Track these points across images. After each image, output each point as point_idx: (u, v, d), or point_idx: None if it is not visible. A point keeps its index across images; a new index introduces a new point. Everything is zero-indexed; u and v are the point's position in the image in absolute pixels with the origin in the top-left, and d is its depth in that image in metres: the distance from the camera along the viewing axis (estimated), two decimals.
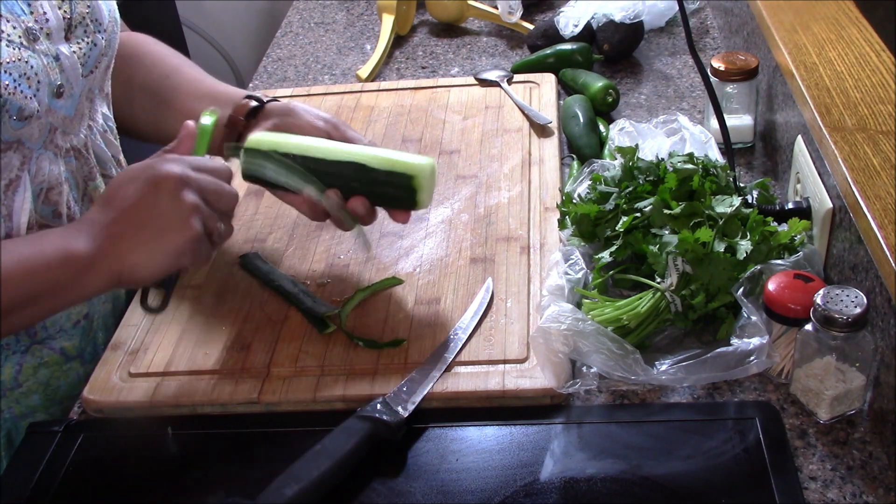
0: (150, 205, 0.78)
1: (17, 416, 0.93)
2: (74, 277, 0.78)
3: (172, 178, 0.78)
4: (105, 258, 0.78)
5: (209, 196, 0.81)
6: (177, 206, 0.78)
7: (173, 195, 0.78)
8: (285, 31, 1.68)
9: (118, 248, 0.78)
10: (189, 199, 0.78)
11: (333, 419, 0.80)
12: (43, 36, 0.84)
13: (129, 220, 0.78)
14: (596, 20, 1.44)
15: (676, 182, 0.92)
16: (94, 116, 0.95)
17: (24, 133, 0.83)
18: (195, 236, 0.79)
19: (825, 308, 0.76)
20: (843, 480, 0.75)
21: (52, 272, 0.77)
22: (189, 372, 0.89)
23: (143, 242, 0.78)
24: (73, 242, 0.78)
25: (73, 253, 0.78)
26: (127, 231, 0.78)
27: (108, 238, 0.78)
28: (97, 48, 0.91)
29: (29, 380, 0.93)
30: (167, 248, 0.78)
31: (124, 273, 0.79)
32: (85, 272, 0.78)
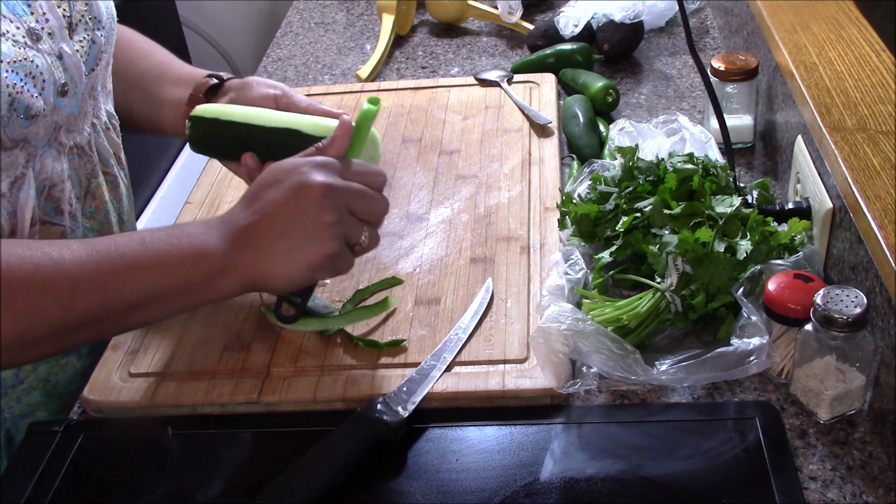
0: (290, 214, 0.76)
1: (17, 415, 0.93)
2: (207, 278, 0.77)
3: (317, 188, 0.75)
4: (239, 264, 0.76)
5: (355, 207, 0.78)
6: (318, 219, 0.75)
7: (316, 208, 0.75)
8: (285, 31, 1.68)
9: (254, 256, 0.76)
10: (331, 214, 0.76)
11: (333, 419, 0.80)
12: (45, 35, 0.84)
13: (269, 227, 0.76)
14: (596, 20, 1.44)
15: (676, 182, 0.92)
16: (98, 114, 0.95)
17: (30, 131, 0.83)
18: (334, 253, 0.77)
19: (825, 308, 0.76)
20: (843, 480, 0.75)
21: (185, 270, 0.76)
22: (189, 372, 0.89)
23: (280, 253, 0.76)
24: (209, 241, 0.77)
25: (207, 253, 0.76)
26: (265, 239, 0.76)
27: (245, 243, 0.76)
28: (97, 45, 0.91)
29: (29, 376, 0.93)
30: (304, 262, 0.76)
31: (258, 281, 0.78)
32: (217, 274, 0.77)
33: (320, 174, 0.77)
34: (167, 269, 0.76)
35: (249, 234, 0.77)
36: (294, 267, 0.77)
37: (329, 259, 0.77)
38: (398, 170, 1.16)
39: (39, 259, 0.73)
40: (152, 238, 0.77)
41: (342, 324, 0.91)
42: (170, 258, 0.76)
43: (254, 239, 0.76)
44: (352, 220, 0.78)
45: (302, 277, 0.78)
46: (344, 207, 0.77)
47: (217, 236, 0.77)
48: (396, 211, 1.08)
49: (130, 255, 0.75)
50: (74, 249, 0.75)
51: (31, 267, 0.73)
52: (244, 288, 0.79)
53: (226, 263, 0.77)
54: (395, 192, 1.11)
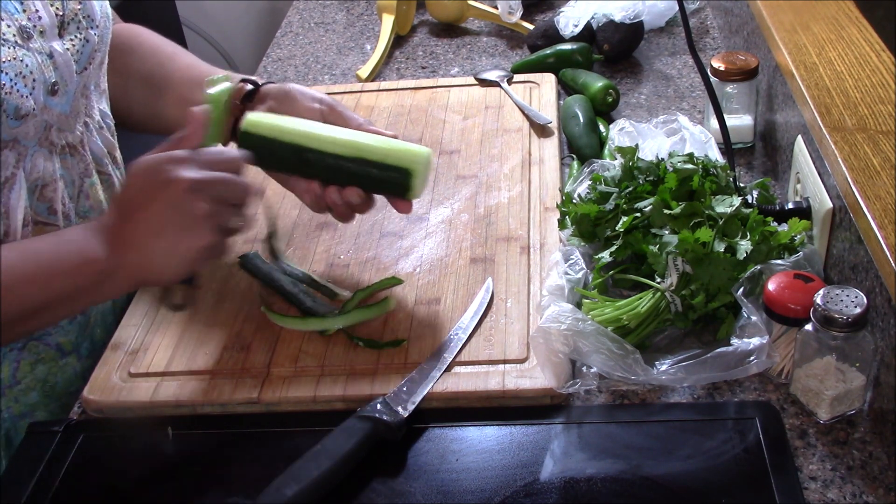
0: (161, 212, 0.77)
1: (16, 415, 0.93)
2: (94, 283, 0.79)
3: (183, 184, 0.77)
4: (123, 266, 0.78)
5: (223, 195, 0.79)
6: (189, 214, 0.77)
7: (185, 203, 0.77)
8: (285, 31, 1.68)
9: (136, 256, 0.78)
10: (201, 205, 0.77)
11: (333, 419, 0.80)
12: (36, 34, 0.84)
13: (144, 227, 0.78)
14: (596, 20, 1.44)
15: (676, 182, 0.92)
16: (91, 113, 0.95)
17: (21, 131, 0.83)
18: (209, 243, 0.78)
19: (825, 308, 0.76)
20: (843, 480, 0.75)
21: (71, 278, 0.78)
22: (189, 372, 0.89)
23: (160, 251, 0.78)
24: (91, 248, 0.78)
25: (92, 259, 0.78)
26: (142, 239, 0.78)
27: (125, 246, 0.78)
28: (90, 44, 0.91)
29: (27, 377, 0.93)
30: (184, 255, 0.78)
31: (143, 278, 0.80)
32: (104, 278, 0.78)
33: (184, 169, 0.78)
34: (55, 279, 0.78)
35: (128, 236, 0.78)
36: (175, 261, 0.79)
37: (207, 250, 0.79)
38: None
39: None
40: (35, 248, 0.79)
41: (342, 324, 0.91)
42: (54, 268, 0.78)
43: (133, 240, 0.78)
44: (221, 207, 0.79)
45: (185, 269, 0.80)
46: (211, 197, 0.79)
47: (98, 241, 0.79)
48: None
49: (19, 270, 0.77)
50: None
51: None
52: (131, 287, 0.81)
53: (110, 267, 0.78)
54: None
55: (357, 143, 0.89)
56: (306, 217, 1.08)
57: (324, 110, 0.95)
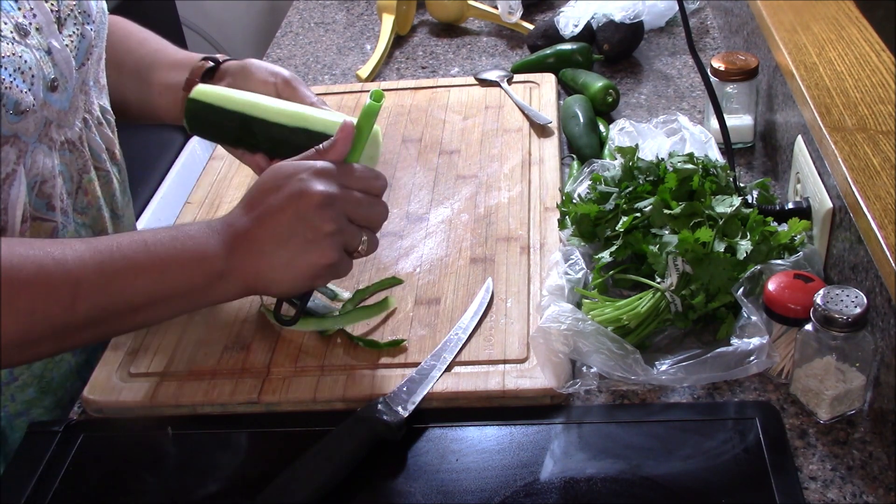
0: (290, 222, 0.75)
1: (12, 413, 0.93)
2: (208, 282, 0.77)
3: (317, 197, 0.75)
4: (240, 269, 0.77)
5: (355, 215, 0.78)
6: (318, 229, 0.75)
7: (316, 217, 0.75)
8: (285, 31, 1.68)
9: (254, 262, 0.76)
10: (331, 224, 0.76)
11: (333, 419, 0.80)
12: (33, 30, 0.84)
13: (268, 234, 0.76)
14: (596, 20, 1.44)
15: (676, 182, 0.92)
16: (90, 109, 0.95)
17: (20, 127, 0.83)
18: (333, 262, 0.77)
19: (825, 308, 0.76)
20: (843, 480, 0.75)
21: (186, 274, 0.76)
22: (189, 372, 0.89)
23: (279, 261, 0.76)
24: (210, 246, 0.77)
25: (209, 257, 0.76)
26: (265, 245, 0.76)
27: (245, 248, 0.77)
28: (87, 40, 0.91)
29: (24, 373, 0.93)
30: (304, 270, 0.77)
31: (258, 286, 0.78)
32: (218, 279, 0.77)
33: (320, 182, 0.77)
34: (169, 272, 0.76)
35: (249, 240, 0.77)
36: (294, 274, 0.77)
37: (328, 268, 0.78)
38: (398, 170, 1.16)
39: (42, 259, 0.73)
40: (154, 240, 0.77)
41: (342, 324, 0.91)
42: (172, 262, 0.76)
43: (254, 245, 0.76)
44: (351, 227, 0.78)
45: (301, 284, 0.79)
46: (343, 216, 0.77)
47: (218, 240, 0.77)
48: (396, 211, 1.08)
49: (133, 258, 0.75)
50: (77, 249, 0.75)
51: (34, 266, 0.73)
52: (244, 292, 0.79)
53: (227, 268, 0.77)
54: (395, 192, 1.11)
55: (300, 114, 0.90)
56: None
57: (278, 83, 0.95)
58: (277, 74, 0.96)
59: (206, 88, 0.93)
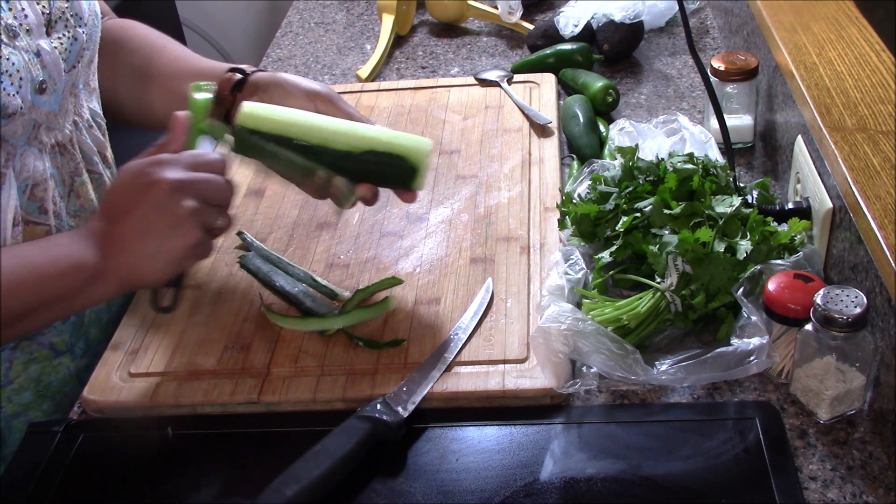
0: (147, 214, 0.79)
1: (9, 415, 0.93)
2: (84, 286, 0.80)
3: (166, 185, 0.79)
4: (112, 268, 0.79)
5: (206, 195, 0.81)
6: (174, 214, 0.78)
7: (169, 203, 0.78)
8: (285, 31, 1.68)
9: (125, 259, 0.79)
10: (185, 206, 0.79)
11: (333, 419, 0.80)
12: (23, 32, 0.84)
13: (130, 230, 0.79)
14: (596, 20, 1.44)
15: (676, 182, 0.92)
16: (80, 112, 0.95)
17: (8, 130, 0.83)
18: (195, 241, 0.80)
19: (825, 308, 0.76)
20: (843, 480, 0.75)
21: (63, 280, 0.79)
22: (189, 372, 0.89)
23: (146, 251, 0.79)
24: (81, 252, 0.80)
25: (83, 263, 0.79)
26: (129, 241, 0.79)
27: (113, 248, 0.79)
28: (78, 42, 0.90)
29: (20, 376, 0.93)
30: (169, 254, 0.80)
31: (132, 279, 0.81)
32: (94, 281, 0.80)
33: (167, 171, 0.80)
34: (44, 283, 0.79)
35: (114, 240, 0.80)
36: (162, 261, 0.80)
37: (193, 248, 0.80)
38: None
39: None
40: (28, 252, 0.81)
41: (342, 324, 0.91)
42: (48, 272, 0.79)
43: (121, 243, 0.79)
44: (205, 206, 0.81)
45: (171, 269, 0.81)
46: (196, 196, 0.80)
47: (88, 246, 0.80)
48: (396, 211, 1.08)
49: (10, 272, 0.78)
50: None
51: None
52: (119, 290, 0.82)
53: (100, 270, 0.79)
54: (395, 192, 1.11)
55: (362, 135, 0.88)
56: (306, 217, 1.09)
57: (318, 101, 0.94)
58: (316, 92, 0.94)
59: (254, 108, 0.88)
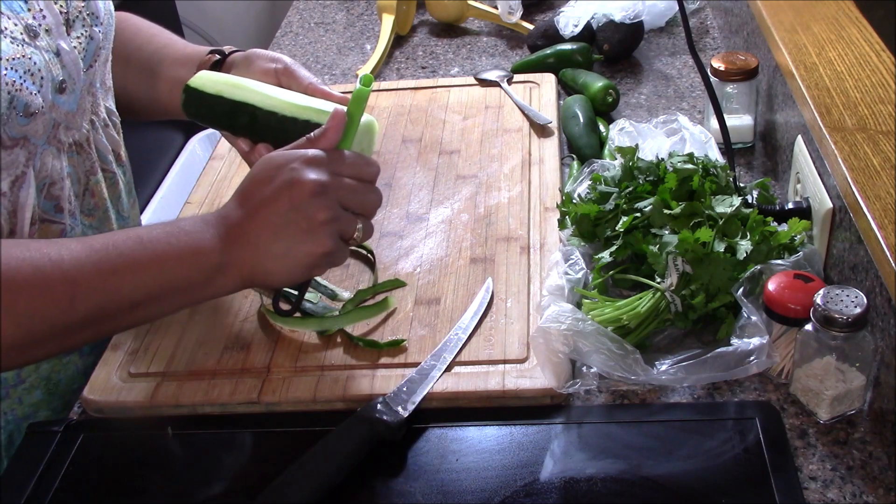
0: (284, 213, 0.75)
1: (20, 416, 0.93)
2: (206, 276, 0.77)
3: (309, 186, 0.75)
4: (236, 262, 0.77)
5: (349, 202, 0.78)
6: (312, 218, 0.75)
7: (309, 206, 0.75)
8: (285, 31, 1.68)
9: (251, 254, 0.76)
10: (325, 213, 0.75)
11: (333, 419, 0.80)
12: (43, 32, 0.84)
13: (263, 225, 0.76)
14: (596, 20, 1.44)
15: (676, 182, 0.92)
16: (97, 111, 0.95)
17: (30, 129, 0.83)
18: (329, 250, 0.77)
19: (825, 308, 0.76)
20: (843, 480, 0.75)
21: (182, 268, 0.76)
22: (189, 372, 0.89)
23: (276, 252, 0.76)
24: (206, 240, 0.77)
25: (205, 251, 0.76)
26: (260, 237, 0.76)
27: (241, 241, 0.77)
28: (94, 41, 0.91)
29: (31, 375, 0.93)
30: (300, 260, 0.77)
31: (256, 278, 0.78)
32: (216, 272, 0.77)
33: (312, 171, 0.76)
34: (166, 268, 0.76)
35: (245, 232, 0.77)
36: (291, 264, 0.77)
37: (325, 256, 0.77)
38: (398, 170, 1.16)
39: (38, 260, 0.73)
40: (150, 236, 0.77)
41: (342, 324, 0.91)
42: (168, 257, 0.76)
43: (249, 237, 0.76)
44: (346, 215, 0.78)
45: (299, 274, 0.79)
46: (337, 204, 0.77)
47: (213, 234, 0.77)
48: (396, 211, 1.08)
49: (129, 255, 0.75)
50: (73, 249, 0.75)
51: (31, 268, 0.73)
52: (243, 285, 0.79)
53: (223, 262, 0.77)
54: (395, 192, 1.11)
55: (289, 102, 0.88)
56: None
57: (278, 70, 0.93)
58: (278, 60, 0.94)
59: (203, 75, 0.92)
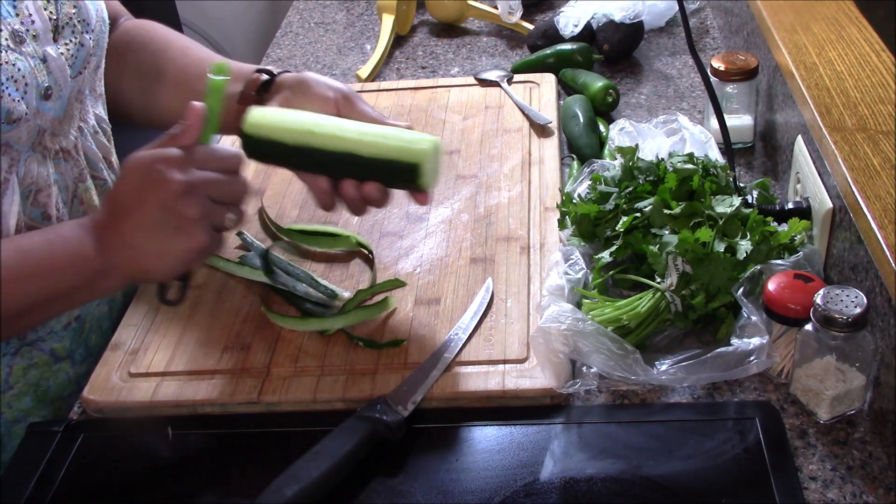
0: (153, 214, 0.76)
1: (9, 421, 0.93)
2: (88, 281, 0.78)
3: (175, 186, 0.76)
4: (116, 264, 0.78)
5: (216, 194, 0.78)
6: (182, 216, 0.76)
7: (177, 205, 0.76)
8: (285, 31, 1.68)
9: (129, 255, 0.77)
10: (194, 209, 0.76)
11: (333, 419, 0.80)
12: (29, 38, 0.83)
13: (136, 227, 0.77)
14: (596, 20, 1.44)
15: (676, 182, 0.92)
16: (86, 118, 0.95)
17: (12, 136, 0.83)
18: (204, 244, 0.77)
19: (825, 308, 0.76)
20: (843, 480, 0.75)
21: (65, 276, 0.78)
22: (189, 372, 0.89)
23: (152, 250, 0.77)
24: (84, 247, 0.78)
25: (84, 257, 0.77)
26: (135, 239, 0.77)
27: (117, 244, 0.77)
28: (85, 49, 0.90)
29: (19, 381, 0.93)
30: (177, 256, 0.77)
31: (137, 275, 0.80)
32: (98, 276, 0.78)
33: (177, 170, 0.76)
34: (49, 277, 0.78)
35: (120, 235, 0.77)
36: (169, 261, 0.78)
37: (200, 250, 0.78)
38: None
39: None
40: (30, 245, 0.78)
41: (342, 324, 0.91)
42: (50, 266, 0.78)
43: (125, 239, 0.77)
44: (215, 207, 0.78)
45: (178, 268, 0.79)
46: (205, 199, 0.77)
47: (91, 239, 0.78)
48: (396, 211, 1.08)
49: (11, 267, 0.76)
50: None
51: None
52: (125, 284, 0.81)
53: (104, 265, 0.78)
54: (395, 192, 1.11)
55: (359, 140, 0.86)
56: (306, 216, 1.09)
57: (338, 100, 0.92)
58: (337, 90, 0.93)
59: (259, 116, 0.87)
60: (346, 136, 0.86)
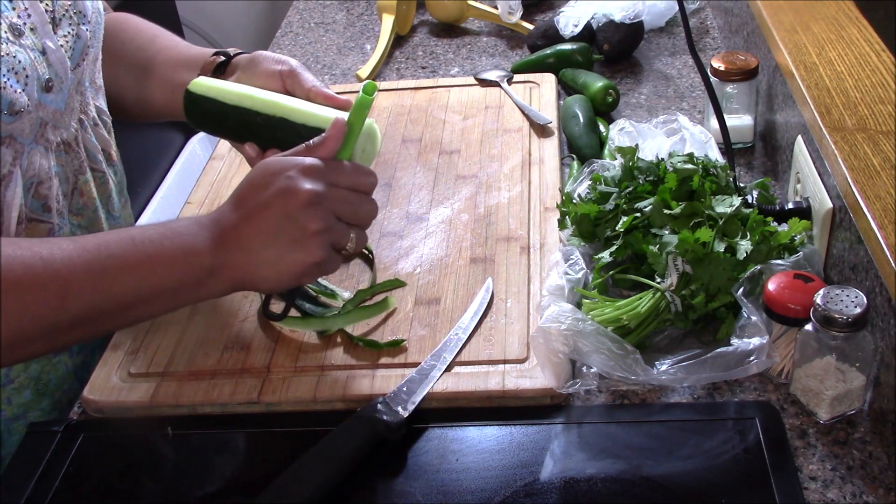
0: (277, 220, 0.75)
1: (9, 418, 0.93)
2: (197, 279, 0.77)
3: (304, 196, 0.75)
4: (228, 265, 0.76)
5: (343, 213, 0.77)
6: (305, 228, 0.75)
7: (303, 216, 0.75)
8: (285, 31, 1.68)
9: (242, 258, 0.76)
10: (318, 223, 0.75)
11: (333, 419, 0.80)
12: (28, 31, 0.83)
13: (256, 231, 0.76)
14: (596, 20, 1.44)
15: (676, 182, 0.92)
16: (86, 110, 0.95)
17: (16, 128, 0.83)
18: (320, 261, 0.76)
19: (825, 308, 0.76)
20: (843, 480, 0.75)
21: (175, 271, 0.76)
22: (189, 372, 0.89)
23: (267, 258, 0.76)
24: (198, 242, 0.76)
25: (197, 254, 0.76)
26: (253, 243, 0.76)
27: (233, 245, 0.76)
28: (82, 40, 0.90)
29: (20, 375, 0.93)
30: (291, 268, 0.76)
31: (246, 283, 0.78)
32: (207, 275, 0.77)
33: (308, 180, 0.76)
34: (157, 269, 0.76)
35: (238, 237, 0.76)
36: (281, 272, 0.77)
37: (315, 266, 0.77)
38: (398, 170, 1.16)
39: (29, 259, 0.73)
40: (143, 237, 0.77)
41: (342, 324, 0.91)
42: (160, 259, 0.76)
43: (242, 241, 0.76)
44: (339, 226, 0.77)
45: (288, 281, 0.78)
46: (331, 215, 0.77)
47: (206, 237, 0.77)
48: (396, 211, 1.08)
49: (121, 256, 0.75)
50: (65, 249, 0.75)
51: (22, 267, 0.72)
52: (233, 288, 0.79)
53: (215, 264, 0.76)
54: (395, 192, 1.11)
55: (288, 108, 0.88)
56: None
57: (283, 72, 0.93)
58: (283, 62, 0.94)
59: (203, 81, 0.93)
60: (280, 103, 0.89)
